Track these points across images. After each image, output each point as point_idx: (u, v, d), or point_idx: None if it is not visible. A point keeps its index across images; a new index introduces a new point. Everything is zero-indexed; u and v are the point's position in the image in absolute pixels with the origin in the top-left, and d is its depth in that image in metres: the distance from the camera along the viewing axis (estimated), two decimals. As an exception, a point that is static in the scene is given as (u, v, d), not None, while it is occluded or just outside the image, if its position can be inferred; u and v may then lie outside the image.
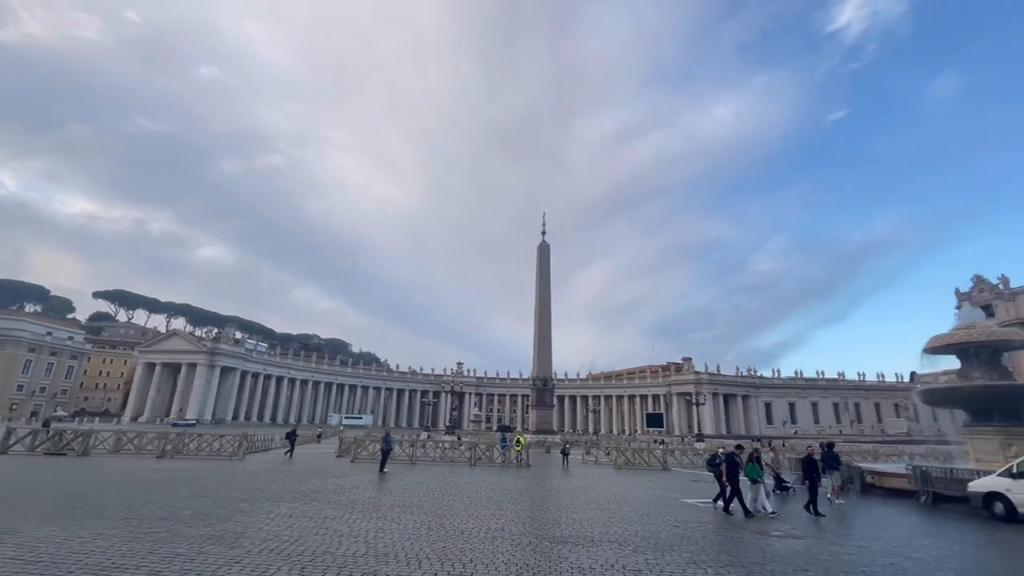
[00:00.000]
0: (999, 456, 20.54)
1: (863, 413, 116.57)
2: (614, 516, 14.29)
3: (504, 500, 16.84)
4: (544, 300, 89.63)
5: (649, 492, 21.55)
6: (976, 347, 22.87)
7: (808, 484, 17.23)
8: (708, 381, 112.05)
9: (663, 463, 34.80)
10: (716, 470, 17.86)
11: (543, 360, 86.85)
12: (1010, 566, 10.45)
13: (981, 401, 22.41)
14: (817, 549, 10.86)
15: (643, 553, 9.62)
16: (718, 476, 17.49)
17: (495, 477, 25.22)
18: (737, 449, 17.45)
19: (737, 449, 17.45)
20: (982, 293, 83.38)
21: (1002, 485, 15.94)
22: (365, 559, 8.50)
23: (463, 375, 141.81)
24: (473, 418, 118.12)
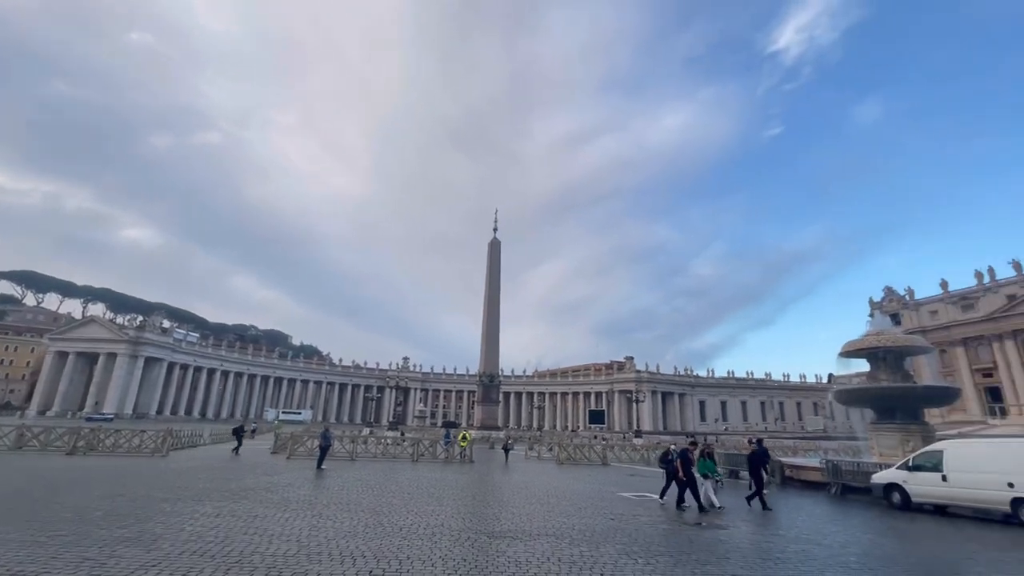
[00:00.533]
0: (899, 451, 22.67)
1: (786, 411, 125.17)
2: (553, 510, 14.59)
3: (445, 496, 16.78)
4: (493, 297, 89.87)
5: (588, 486, 22.14)
6: (884, 352, 25.12)
7: (754, 478, 17.63)
8: (648, 380, 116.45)
9: (602, 458, 35.85)
10: (669, 466, 17.84)
11: (490, 357, 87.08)
12: (902, 549, 11.58)
13: (886, 401, 24.66)
14: (739, 538, 11.58)
15: (579, 546, 9.89)
16: (670, 473, 17.49)
17: (437, 473, 25.07)
18: (691, 446, 17.63)
19: (691, 446, 17.63)
20: (891, 303, 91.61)
21: (899, 477, 17.63)
22: (296, 558, 8.22)
23: (409, 370, 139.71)
24: (418, 414, 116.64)
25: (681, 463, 16.46)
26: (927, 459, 17.11)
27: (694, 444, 18.06)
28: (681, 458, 16.64)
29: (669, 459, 18.41)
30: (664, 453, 19.07)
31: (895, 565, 9.78)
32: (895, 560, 10.25)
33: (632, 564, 8.65)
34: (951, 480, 16.08)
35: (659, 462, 18.91)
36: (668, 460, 18.35)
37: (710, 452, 17.68)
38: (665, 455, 18.70)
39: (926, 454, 17.46)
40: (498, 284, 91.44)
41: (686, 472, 16.24)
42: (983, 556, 10.76)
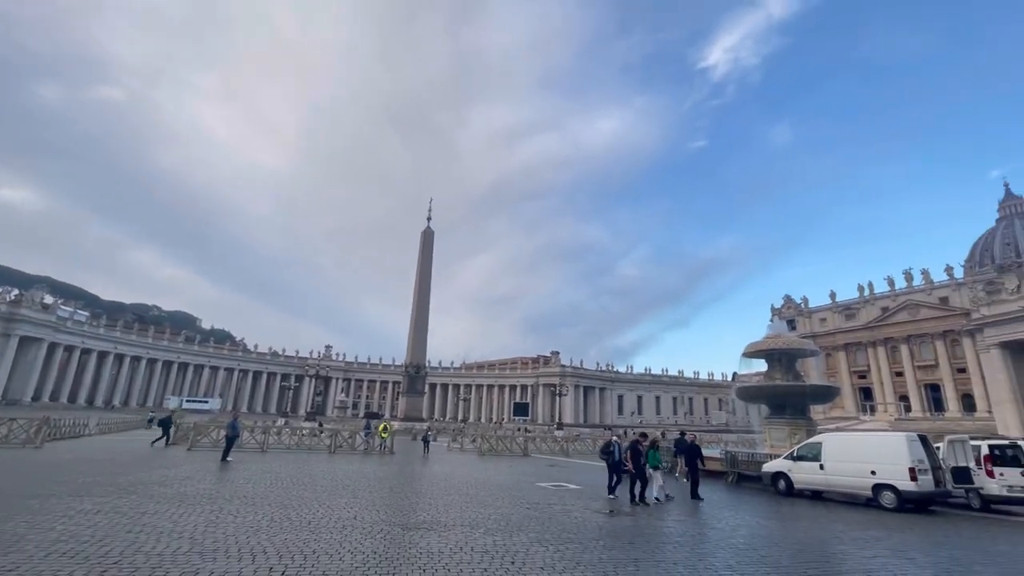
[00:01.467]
0: (787, 443, 25.11)
1: (694, 406, 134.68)
2: (471, 501, 14.66)
3: (360, 488, 16.32)
4: (424, 287, 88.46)
5: (507, 477, 22.49)
6: (779, 354, 27.67)
7: (689, 471, 17.93)
8: (572, 374, 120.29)
9: (524, 450, 36.58)
10: (609, 458, 17.61)
11: (418, 347, 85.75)
12: (783, 530, 12.83)
13: (778, 398, 27.21)
14: (643, 524, 12.29)
15: (493, 535, 10.01)
16: (613, 466, 17.18)
17: (355, 465, 24.34)
18: (641, 437, 17.18)
19: (641, 437, 17.18)
20: (788, 310, 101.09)
21: (785, 466, 19.56)
22: (188, 557, 7.61)
23: (331, 359, 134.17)
24: (339, 404, 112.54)
25: (631, 455, 15.97)
26: (808, 450, 19.11)
27: (644, 436, 17.46)
28: (632, 451, 16.16)
29: (610, 451, 18.11)
30: (605, 444, 18.57)
31: (776, 545, 10.83)
32: (776, 541, 11.34)
33: (543, 551, 8.89)
34: (827, 469, 18.08)
35: (600, 454, 18.38)
36: (609, 452, 18.05)
37: (656, 444, 17.14)
38: (606, 447, 18.29)
39: (808, 446, 19.50)
40: (429, 275, 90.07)
41: (636, 465, 15.79)
42: (848, 535, 12.20)
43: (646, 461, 16.33)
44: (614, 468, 17.22)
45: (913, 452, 16.24)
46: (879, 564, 9.27)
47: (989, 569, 9.17)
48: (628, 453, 16.15)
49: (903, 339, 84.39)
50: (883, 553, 10.26)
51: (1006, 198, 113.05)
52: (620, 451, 18.07)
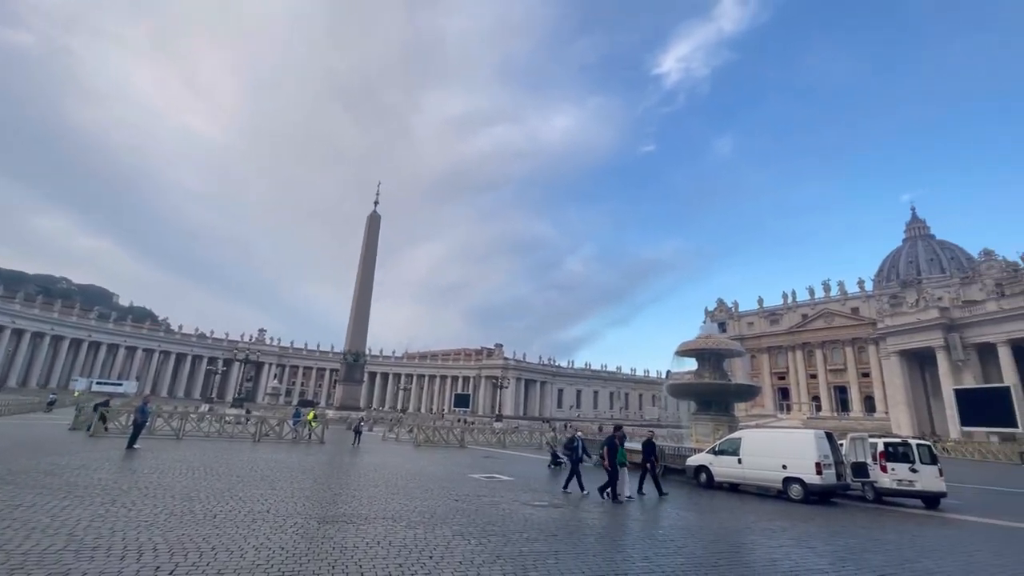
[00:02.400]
0: (711, 438, 26.37)
1: (630, 401, 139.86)
2: (397, 493, 14.25)
3: (280, 479, 15.47)
4: (367, 273, 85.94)
5: (440, 468, 22.18)
6: (709, 353, 28.99)
7: (648, 466, 17.74)
8: (514, 367, 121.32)
9: (460, 441, 36.36)
10: (573, 454, 17.00)
11: (358, 334, 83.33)
12: (700, 521, 13.37)
13: (706, 395, 28.54)
14: (569, 516, 12.39)
15: (414, 528, 9.70)
16: (574, 461, 16.74)
17: (280, 455, 23.18)
18: (616, 430, 16.41)
19: (616, 430, 16.41)
20: (720, 313, 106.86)
21: (707, 460, 20.49)
22: (60, 555, 6.75)
23: (264, 343, 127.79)
24: (270, 391, 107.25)
25: (608, 451, 15.33)
26: (728, 445, 20.12)
27: (619, 429, 16.72)
28: (608, 446, 15.52)
29: (574, 446, 17.52)
30: (569, 440, 17.75)
31: (692, 536, 11.23)
32: (693, 531, 11.77)
33: (464, 544, 8.70)
34: (744, 463, 19.11)
35: (563, 448, 17.64)
36: (572, 447, 17.38)
37: (622, 440, 16.27)
38: (570, 442, 17.49)
39: (728, 441, 20.54)
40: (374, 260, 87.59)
41: (611, 462, 15.20)
42: (758, 526, 12.88)
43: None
44: (575, 464, 16.91)
45: (820, 448, 17.45)
46: (783, 553, 9.80)
47: (877, 556, 9.92)
48: (606, 449, 15.54)
49: (818, 344, 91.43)
50: (788, 543, 10.88)
51: (912, 220, 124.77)
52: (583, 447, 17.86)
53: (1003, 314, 60.31)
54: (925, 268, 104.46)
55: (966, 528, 14.04)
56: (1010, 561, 10.03)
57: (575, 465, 17.14)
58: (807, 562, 9.17)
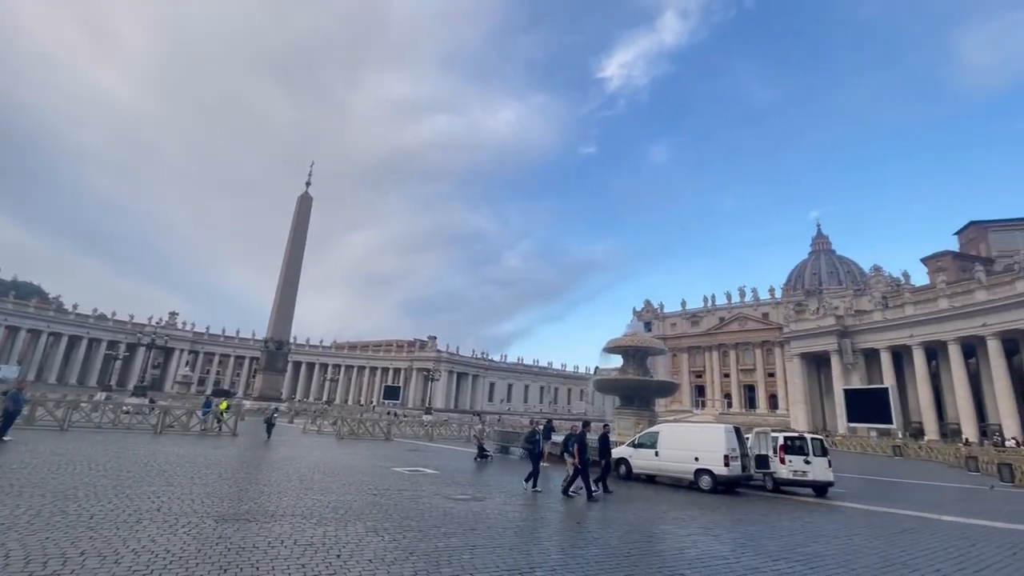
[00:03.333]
0: (633, 431, 27.45)
1: (559, 396, 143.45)
2: (311, 488, 13.51)
3: (179, 475, 14.17)
4: (295, 257, 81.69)
5: (362, 461, 21.45)
6: (634, 351, 30.15)
7: (603, 463, 17.06)
8: (447, 360, 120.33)
9: (386, 433, 35.43)
10: (535, 447, 16.46)
11: (282, 321, 79.09)
12: (617, 512, 13.79)
13: (629, 390, 29.69)
14: (491, 509, 12.32)
15: (324, 525, 9.17)
16: (535, 457, 16.23)
17: (183, 448, 21.35)
18: (585, 427, 16.13)
19: (585, 427, 16.13)
20: (647, 313, 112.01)
21: (627, 453, 21.26)
22: None
23: (176, 327, 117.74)
24: (181, 379, 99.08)
25: (579, 448, 14.99)
26: (647, 438, 21.00)
27: (587, 425, 16.51)
28: (579, 442, 15.11)
29: (535, 440, 17.00)
30: (530, 434, 17.20)
31: (608, 526, 11.54)
32: (609, 522, 12.11)
33: (377, 541, 8.33)
34: (661, 455, 20.01)
35: (523, 442, 17.13)
36: (534, 441, 16.86)
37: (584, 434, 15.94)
38: (531, 436, 17.00)
39: (647, 434, 21.44)
40: (303, 243, 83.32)
41: (581, 459, 14.96)
42: (670, 515, 13.50)
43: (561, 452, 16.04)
44: (535, 460, 16.48)
45: (729, 442, 18.64)
46: (691, 542, 10.29)
47: (773, 542, 10.69)
48: (576, 446, 15.11)
49: (732, 346, 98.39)
50: (696, 531, 11.46)
51: (817, 236, 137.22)
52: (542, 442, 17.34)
53: (885, 323, 67.85)
54: (826, 280, 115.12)
55: (848, 514, 15.53)
56: (882, 543, 11.16)
57: (536, 462, 16.51)
58: (712, 550, 9.67)
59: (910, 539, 11.77)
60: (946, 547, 10.97)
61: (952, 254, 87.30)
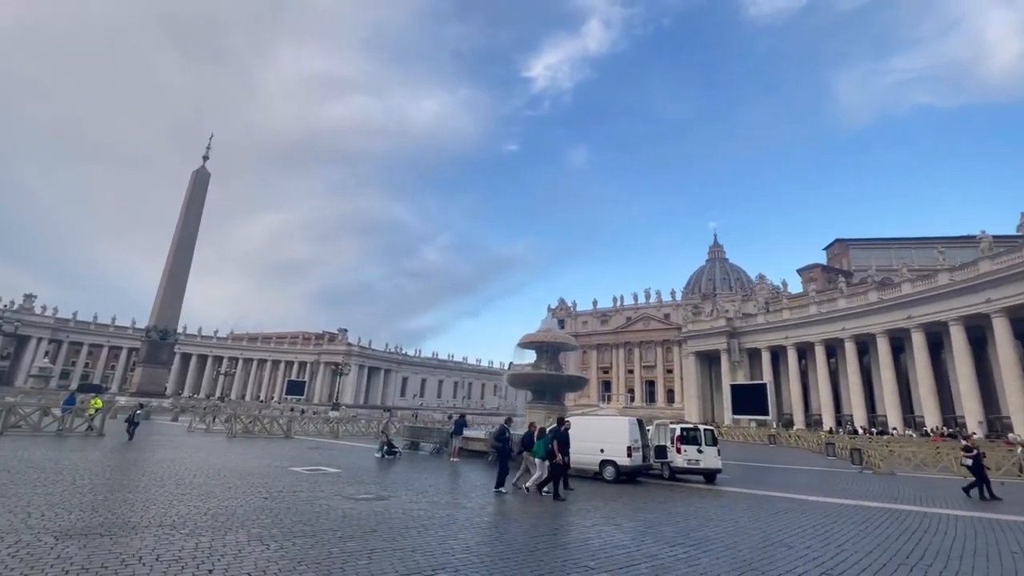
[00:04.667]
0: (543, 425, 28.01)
1: (473, 391, 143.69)
2: (188, 493, 12.01)
3: (17, 483, 11.94)
4: (187, 237, 74.04)
5: (256, 462, 19.70)
6: (547, 346, 30.73)
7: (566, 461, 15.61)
8: (358, 354, 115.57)
9: (286, 431, 33.05)
10: (504, 446, 15.85)
11: (169, 307, 71.40)
12: (522, 506, 13.81)
13: (541, 385, 30.22)
14: (395, 509, 11.73)
15: (199, 536, 8.09)
16: (503, 455, 15.62)
17: (32, 452, 18.26)
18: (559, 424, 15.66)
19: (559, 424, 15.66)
20: (561, 311, 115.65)
21: (537, 446, 21.53)
22: None
23: (33, 312, 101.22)
24: (38, 372, 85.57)
25: (558, 445, 14.45)
26: (497, 428, 21.49)
27: (562, 421, 16.01)
28: (559, 439, 14.56)
29: (505, 438, 16.30)
30: (499, 432, 16.53)
31: (515, 521, 11.47)
32: (516, 516, 12.05)
33: (260, 550, 7.46)
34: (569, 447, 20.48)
35: (493, 440, 16.21)
36: (503, 439, 16.19)
37: (542, 432, 15.56)
38: (501, 433, 16.33)
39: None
40: (197, 223, 75.64)
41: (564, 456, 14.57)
42: (575, 506, 13.75)
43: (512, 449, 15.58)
44: (504, 458, 15.76)
45: (632, 434, 19.53)
46: (595, 532, 10.49)
47: (670, 529, 11.22)
48: (555, 443, 14.52)
49: (637, 343, 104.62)
50: (599, 521, 11.74)
51: (713, 245, 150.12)
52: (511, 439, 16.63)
53: (766, 326, 75.82)
54: (719, 285, 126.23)
55: (733, 498, 16.88)
56: (762, 524, 12.18)
57: (504, 460, 15.69)
58: (614, 539, 9.91)
59: (785, 519, 12.98)
60: (814, 525, 12.23)
61: (821, 267, 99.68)
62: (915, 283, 55.90)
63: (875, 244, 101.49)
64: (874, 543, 10.41)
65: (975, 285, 47.29)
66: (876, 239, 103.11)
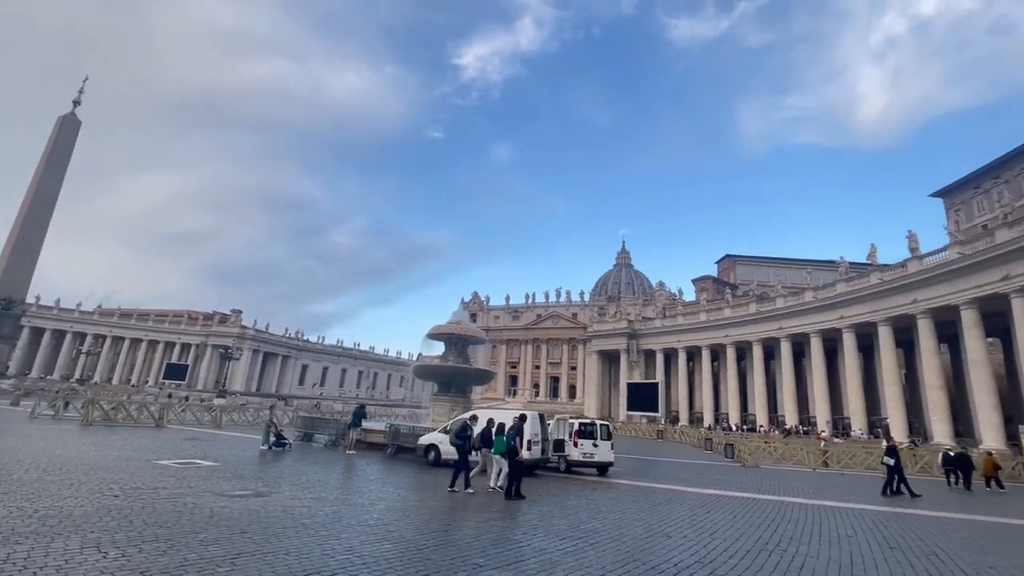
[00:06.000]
0: (447, 418, 27.62)
1: (379, 382, 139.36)
2: (12, 491, 10.09)
3: None
4: (47, 192, 64.04)
5: (113, 454, 17.32)
6: (456, 338, 30.40)
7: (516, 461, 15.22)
8: (253, 337, 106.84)
9: (157, 419, 29.52)
10: (465, 443, 15.32)
11: (16, 272, 61.34)
12: (419, 500, 13.43)
13: (448, 377, 29.84)
14: (275, 506, 10.76)
15: (17, 543, 6.72)
16: (463, 450, 15.10)
17: None
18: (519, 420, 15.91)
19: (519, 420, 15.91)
20: (474, 304, 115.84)
21: (437, 439, 21.19)
22: None
23: None
24: None
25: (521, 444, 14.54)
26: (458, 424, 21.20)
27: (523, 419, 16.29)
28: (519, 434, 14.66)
29: (467, 435, 15.73)
30: (462, 427, 16.00)
31: (407, 517, 11.04)
32: (408, 512, 11.63)
33: (95, 559, 6.35)
34: (471, 441, 20.36)
35: (454, 437, 15.66)
36: (466, 436, 15.59)
37: (501, 427, 15.40)
38: (463, 430, 15.78)
39: (459, 420, 21.64)
40: (60, 177, 65.56)
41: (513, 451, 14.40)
42: (473, 501, 13.61)
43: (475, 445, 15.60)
44: (464, 456, 15.09)
45: (533, 427, 19.81)
46: (488, 527, 10.39)
47: (562, 521, 11.46)
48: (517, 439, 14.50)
49: (545, 340, 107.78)
50: (494, 516, 11.68)
51: (621, 251, 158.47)
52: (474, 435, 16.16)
53: (662, 329, 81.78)
54: (624, 289, 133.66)
55: (622, 490, 17.77)
56: (646, 516, 12.88)
57: (465, 458, 15.11)
58: (506, 533, 9.88)
59: (666, 510, 13.86)
60: (691, 515, 13.17)
61: (712, 279, 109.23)
62: (787, 299, 63.22)
63: (758, 261, 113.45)
64: (740, 531, 11.41)
65: (832, 304, 54.57)
66: (759, 257, 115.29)
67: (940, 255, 43.88)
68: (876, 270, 51.19)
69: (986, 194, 66.76)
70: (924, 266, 44.56)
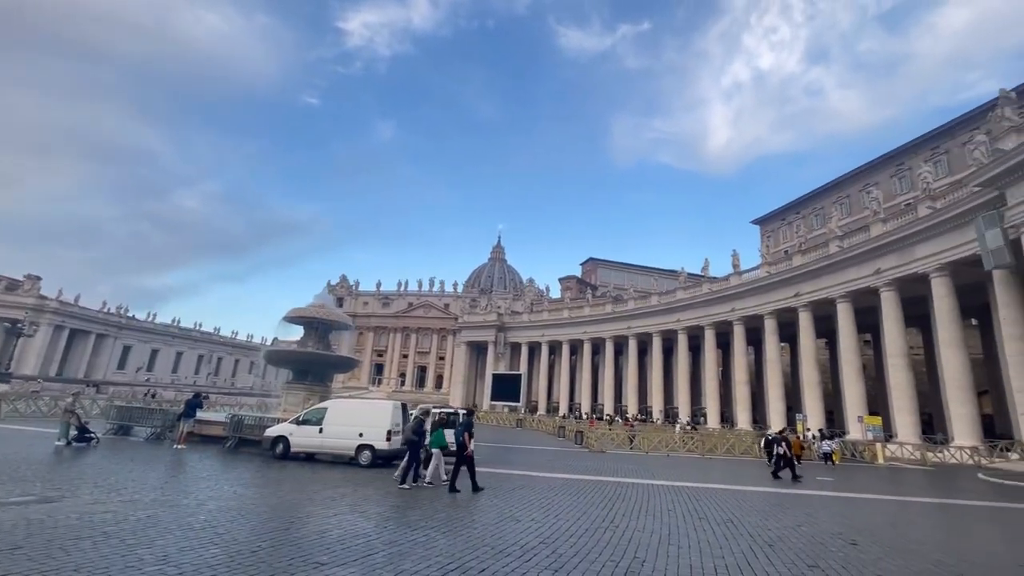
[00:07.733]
0: (302, 407, 25.62)
1: (223, 367, 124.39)
2: None
3: None
4: None
5: None
6: (318, 323, 28.37)
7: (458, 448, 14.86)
8: (56, 311, 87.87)
9: None
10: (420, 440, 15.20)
11: None
12: (259, 496, 12.27)
13: (305, 364, 27.74)
14: (65, 513, 8.94)
15: None
16: (415, 445, 14.84)
17: None
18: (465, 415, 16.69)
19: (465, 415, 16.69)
20: (341, 288, 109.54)
21: (288, 430, 19.62)
22: None
23: None
24: None
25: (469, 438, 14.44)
26: (314, 414, 19.87)
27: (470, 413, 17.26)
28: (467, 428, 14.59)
29: (422, 431, 15.43)
30: (417, 424, 15.49)
31: (242, 516, 9.97)
32: (244, 511, 10.52)
33: None
34: (326, 432, 19.22)
35: (410, 433, 15.08)
36: (421, 433, 15.27)
37: (444, 421, 16.51)
38: (418, 427, 15.35)
39: (314, 410, 20.30)
40: None
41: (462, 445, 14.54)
42: (321, 495, 12.83)
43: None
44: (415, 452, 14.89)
45: (394, 418, 19.37)
46: (336, 522, 9.86)
47: (416, 512, 11.35)
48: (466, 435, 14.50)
49: (415, 330, 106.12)
50: (344, 510, 11.13)
51: (496, 245, 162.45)
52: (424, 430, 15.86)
53: (528, 324, 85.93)
54: (496, 284, 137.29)
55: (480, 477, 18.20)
56: (499, 501, 13.37)
57: (415, 453, 14.90)
58: (356, 528, 9.48)
59: (518, 495, 14.54)
60: (540, 499, 14.00)
61: (576, 279, 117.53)
62: (636, 301, 70.68)
63: (617, 266, 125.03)
64: (582, 511, 12.44)
65: (671, 308, 62.46)
66: (618, 262, 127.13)
67: (753, 272, 52.86)
68: (707, 281, 59.79)
69: (789, 225, 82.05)
70: (741, 281, 53.24)
